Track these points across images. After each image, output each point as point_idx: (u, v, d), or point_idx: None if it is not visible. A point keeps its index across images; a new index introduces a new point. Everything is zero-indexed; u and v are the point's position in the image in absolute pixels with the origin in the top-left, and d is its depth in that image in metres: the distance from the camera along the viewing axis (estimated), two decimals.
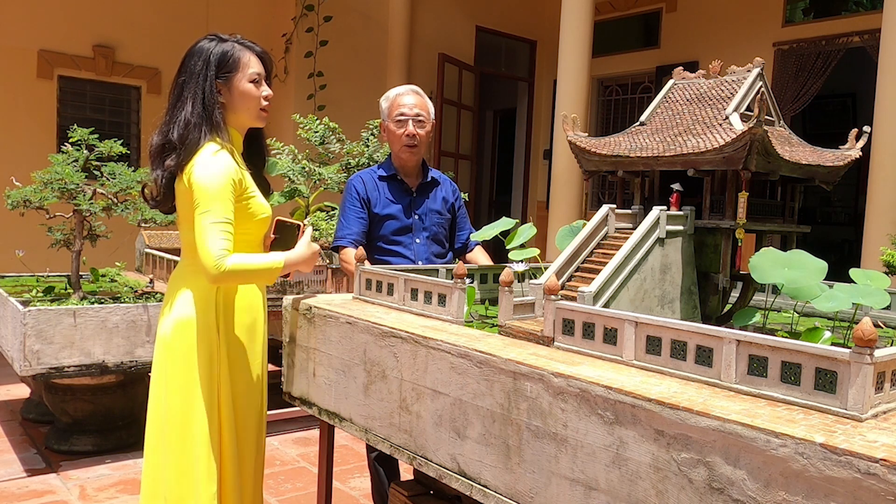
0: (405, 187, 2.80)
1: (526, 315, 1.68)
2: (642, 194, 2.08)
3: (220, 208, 1.87)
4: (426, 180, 2.84)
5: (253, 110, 2.05)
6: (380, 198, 2.76)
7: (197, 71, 1.97)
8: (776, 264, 1.73)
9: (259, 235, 2.09)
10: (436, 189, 2.87)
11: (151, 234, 4.90)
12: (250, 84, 2.01)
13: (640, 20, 8.62)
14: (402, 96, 2.75)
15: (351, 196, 2.76)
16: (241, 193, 1.96)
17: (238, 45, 2.03)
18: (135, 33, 7.12)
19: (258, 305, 2.17)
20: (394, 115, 2.72)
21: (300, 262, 2.06)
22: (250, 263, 1.91)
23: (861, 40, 6.63)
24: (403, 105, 2.73)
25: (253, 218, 2.02)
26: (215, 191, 1.87)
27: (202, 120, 1.94)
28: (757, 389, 1.14)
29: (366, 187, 2.76)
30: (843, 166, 2.01)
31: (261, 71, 2.04)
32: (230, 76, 1.99)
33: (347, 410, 1.86)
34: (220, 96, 1.99)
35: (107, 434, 3.89)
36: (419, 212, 2.79)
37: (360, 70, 7.83)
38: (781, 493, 0.98)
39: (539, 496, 1.33)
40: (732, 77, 2.02)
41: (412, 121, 2.71)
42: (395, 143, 2.74)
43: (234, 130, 2.06)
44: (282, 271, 1.97)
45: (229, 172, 1.91)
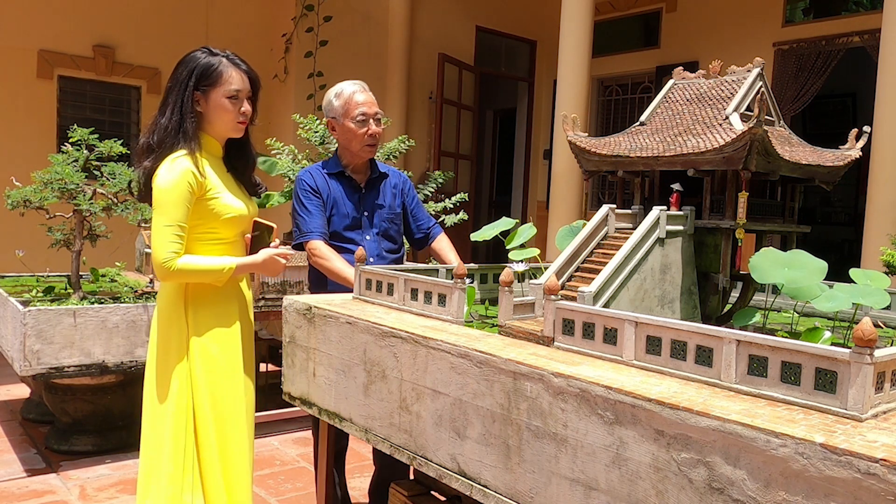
0: (353, 184, 2.74)
1: (526, 315, 1.68)
2: (642, 194, 2.08)
3: (171, 212, 2.03)
4: (374, 175, 2.78)
5: (228, 123, 2.16)
6: (330, 194, 2.70)
7: (181, 80, 2.12)
8: (776, 264, 1.73)
9: (229, 234, 2.18)
10: (384, 183, 2.80)
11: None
12: (226, 99, 2.13)
13: (640, 20, 8.61)
14: (357, 94, 2.67)
15: (304, 190, 2.69)
16: (201, 195, 2.09)
17: (226, 60, 2.14)
18: (135, 33, 7.11)
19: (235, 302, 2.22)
20: (353, 113, 2.64)
21: (257, 267, 2.21)
22: (198, 265, 2.08)
23: (861, 40, 6.63)
24: (362, 104, 2.66)
25: (218, 217, 2.13)
26: (168, 195, 2.03)
27: (178, 127, 2.09)
28: (757, 389, 1.14)
29: (316, 181, 2.70)
30: (843, 166, 2.01)
31: (242, 88, 2.15)
32: (209, 89, 2.12)
33: (347, 410, 1.86)
34: (198, 106, 2.13)
35: (107, 434, 3.89)
36: (368, 208, 2.73)
37: (360, 70, 7.82)
38: (781, 493, 0.98)
39: (539, 496, 1.32)
40: (732, 77, 2.02)
41: (373, 120, 2.66)
42: (355, 141, 2.67)
43: (211, 138, 2.18)
44: (235, 273, 2.14)
45: (185, 177, 2.04)
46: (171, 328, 2.14)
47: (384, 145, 4.87)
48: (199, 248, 2.14)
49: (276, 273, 2.27)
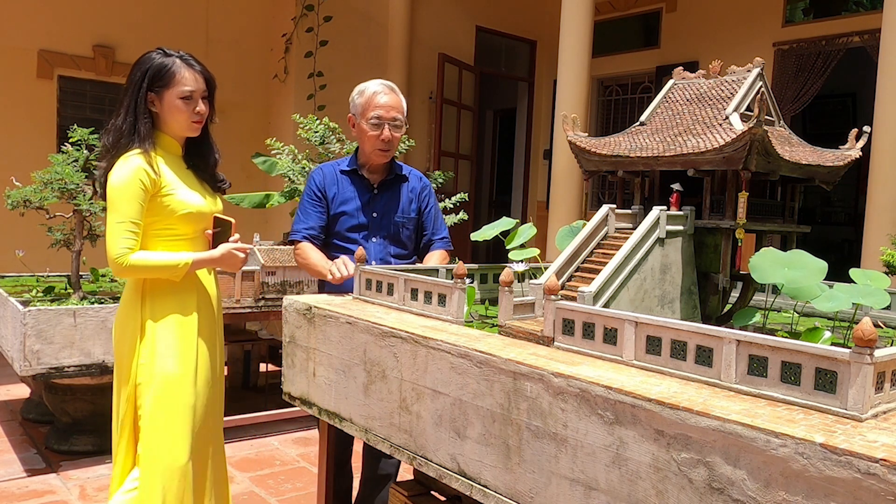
0: (366, 184, 2.67)
1: (526, 315, 1.68)
2: (642, 194, 2.08)
3: (124, 209, 2.07)
4: (390, 177, 2.70)
5: (182, 123, 2.20)
6: (338, 193, 2.64)
7: (134, 82, 2.16)
8: (776, 264, 1.73)
9: (187, 230, 2.21)
10: (401, 186, 2.71)
11: None
12: (180, 100, 2.16)
13: (640, 20, 8.61)
14: (378, 95, 2.60)
15: (309, 188, 2.67)
16: (156, 192, 2.12)
17: (180, 61, 2.18)
18: (135, 33, 7.11)
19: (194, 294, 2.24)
20: (369, 115, 2.57)
21: (214, 262, 2.24)
22: (152, 260, 2.11)
23: (861, 40, 6.63)
24: (380, 106, 2.58)
25: (174, 214, 2.16)
26: (120, 193, 2.07)
27: (132, 128, 2.14)
28: (757, 389, 1.14)
29: (325, 180, 2.66)
30: (843, 166, 2.01)
31: (196, 88, 2.18)
32: (162, 90, 2.15)
33: (347, 410, 1.86)
34: (152, 106, 2.17)
35: (107, 434, 3.84)
36: (378, 211, 2.65)
37: (360, 70, 7.82)
38: (781, 493, 0.98)
39: (539, 496, 1.32)
40: (732, 77, 2.02)
41: (388, 125, 2.58)
42: (368, 143, 2.61)
43: (168, 137, 2.23)
44: (192, 268, 2.18)
45: (136, 175, 2.07)
46: (128, 318, 2.18)
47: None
48: (158, 244, 2.17)
49: (235, 268, 2.30)
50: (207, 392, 2.24)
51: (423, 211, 2.77)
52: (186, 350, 2.18)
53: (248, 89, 7.84)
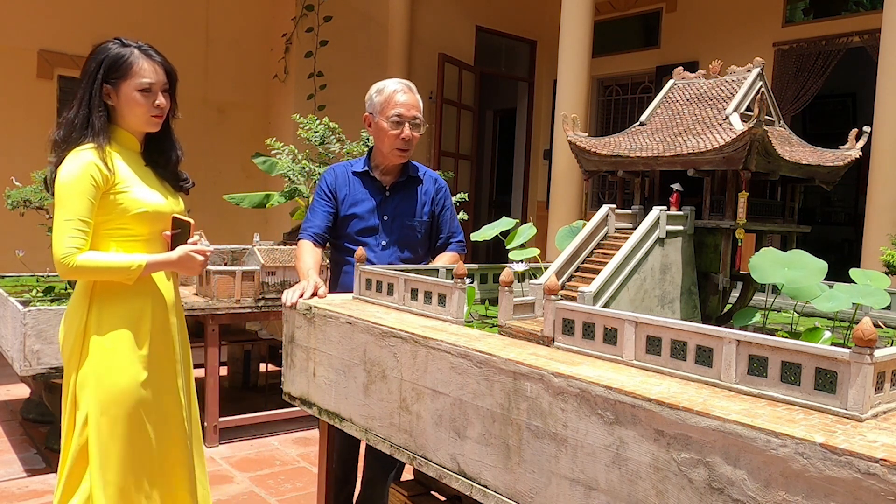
0: (379, 186, 2.61)
1: (526, 315, 1.68)
2: (642, 194, 2.08)
3: (72, 206, 1.95)
4: (403, 179, 2.63)
5: (141, 117, 2.08)
6: (349, 194, 2.59)
7: (89, 73, 2.04)
8: (776, 264, 1.73)
9: (143, 230, 2.09)
10: (415, 189, 2.65)
11: None
12: (138, 93, 2.04)
13: (640, 20, 8.61)
14: (398, 94, 2.54)
15: (320, 188, 2.63)
16: (108, 189, 2.00)
17: (139, 52, 2.06)
18: (135, 33, 7.04)
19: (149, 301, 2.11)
20: (389, 113, 2.52)
21: (171, 265, 2.11)
22: (101, 261, 1.98)
23: (861, 40, 6.63)
24: (400, 105, 2.52)
25: (127, 213, 2.04)
26: (69, 189, 1.95)
27: (85, 121, 2.02)
28: (757, 389, 1.14)
29: (336, 180, 2.61)
30: (843, 166, 2.01)
31: (155, 80, 2.07)
32: (119, 82, 2.04)
33: (347, 410, 1.86)
34: (108, 99, 2.05)
35: None
36: (389, 213, 2.59)
37: (360, 70, 7.83)
38: (781, 493, 0.98)
39: (539, 496, 1.32)
40: (732, 77, 2.02)
41: (409, 124, 2.53)
42: (386, 143, 2.55)
43: (125, 132, 2.11)
44: (146, 271, 2.03)
45: (87, 170, 1.95)
46: (72, 324, 2.06)
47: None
48: (111, 245, 2.05)
49: (194, 272, 2.17)
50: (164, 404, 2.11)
51: (437, 214, 2.70)
52: (131, 363, 2.04)
53: (248, 89, 7.84)
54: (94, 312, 2.04)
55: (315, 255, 2.50)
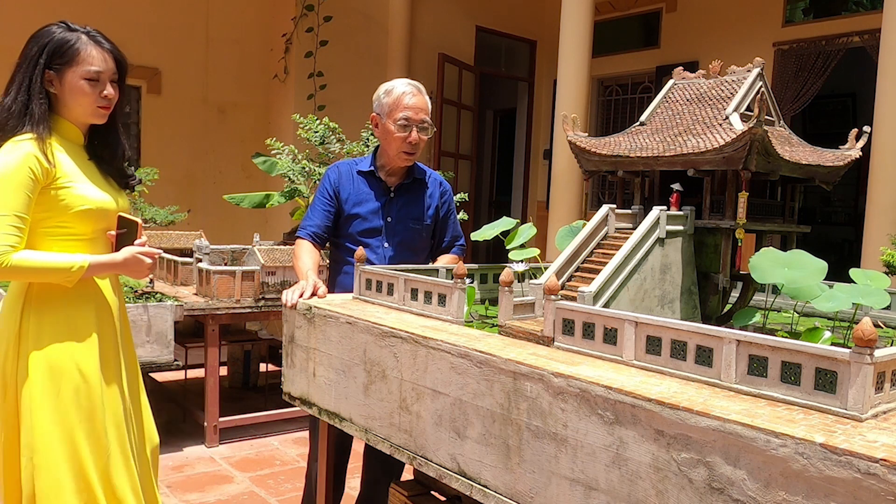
0: (383, 186, 2.57)
1: (526, 315, 1.68)
2: (642, 194, 2.08)
3: (8, 200, 1.79)
4: (408, 181, 2.60)
5: (87, 107, 1.93)
6: (352, 194, 2.55)
7: (30, 57, 1.89)
8: (776, 264, 1.73)
9: (85, 229, 1.94)
10: (420, 192, 2.62)
11: (151, 234, 4.90)
12: (84, 81, 1.90)
13: (640, 20, 8.61)
14: (407, 96, 2.49)
15: (322, 186, 2.58)
16: (48, 184, 1.85)
17: (86, 37, 1.92)
18: (135, 33, 7.11)
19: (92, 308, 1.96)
20: (397, 116, 2.47)
21: (117, 267, 1.97)
22: (39, 261, 1.82)
23: (861, 40, 6.63)
24: (409, 108, 2.47)
25: (68, 210, 1.89)
26: (4, 182, 1.80)
27: (23, 108, 1.87)
28: (757, 389, 1.14)
29: (340, 179, 2.57)
30: (843, 166, 2.01)
31: (103, 69, 1.92)
32: (63, 68, 1.89)
33: (347, 410, 1.86)
34: (50, 87, 1.91)
35: None
36: (393, 215, 2.55)
37: (360, 70, 7.83)
38: (781, 493, 0.98)
39: (539, 496, 1.33)
40: (732, 77, 2.02)
41: (416, 127, 2.48)
42: (393, 145, 2.50)
43: (68, 123, 1.96)
44: (89, 273, 1.89)
45: (26, 163, 1.81)
46: (1, 337, 1.89)
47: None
48: (50, 244, 1.89)
49: (140, 275, 2.02)
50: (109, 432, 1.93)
51: (441, 217, 2.67)
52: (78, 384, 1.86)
53: (248, 89, 7.84)
54: (31, 321, 1.87)
55: (314, 255, 2.47)
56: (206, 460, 3.86)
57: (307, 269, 2.35)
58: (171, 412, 4.65)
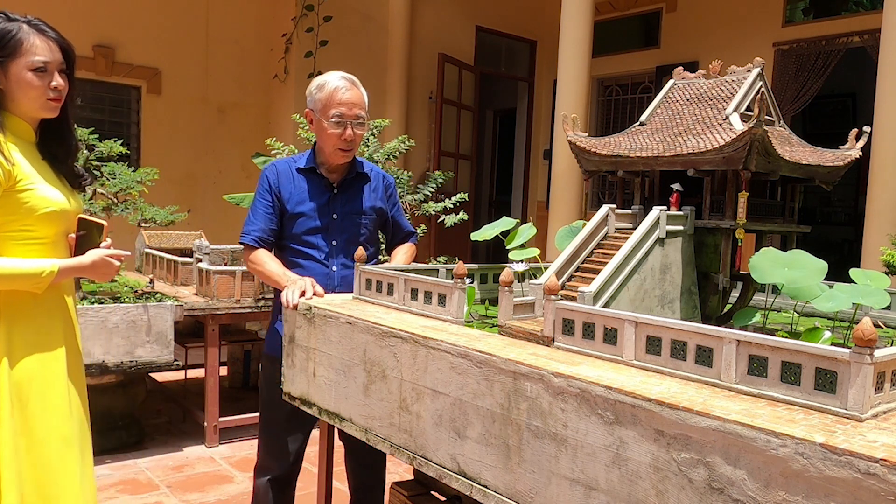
0: (325, 183, 2.47)
1: (526, 315, 1.68)
2: (642, 194, 2.08)
3: None
4: (350, 176, 2.50)
5: (35, 100, 1.84)
6: (294, 192, 2.44)
7: None
8: (776, 264, 1.73)
9: (48, 232, 1.87)
10: (363, 185, 2.53)
11: (151, 234, 4.90)
12: (30, 73, 1.80)
13: (640, 20, 8.61)
14: (340, 91, 2.37)
15: (262, 188, 2.46)
16: (10, 186, 1.78)
17: (28, 27, 1.82)
18: (135, 33, 7.11)
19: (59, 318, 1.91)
20: (330, 113, 2.36)
21: (84, 271, 1.91)
22: (7, 268, 1.75)
23: (861, 40, 6.63)
24: (342, 103, 2.36)
25: (33, 213, 1.81)
26: None
27: None
28: (757, 389, 1.14)
29: (279, 179, 2.45)
30: (843, 166, 2.01)
31: (51, 59, 1.83)
32: (7, 61, 1.80)
33: (347, 410, 1.86)
34: None
35: (107, 434, 3.89)
36: (338, 211, 2.47)
37: (360, 70, 7.79)
38: (781, 493, 0.98)
39: (539, 496, 1.33)
40: (732, 77, 2.02)
41: (351, 123, 2.38)
42: (328, 143, 2.41)
43: (17, 119, 1.86)
44: (58, 277, 1.83)
45: None
46: None
47: (384, 145, 4.87)
48: (12, 249, 1.81)
49: (107, 277, 1.96)
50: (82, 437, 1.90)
51: (390, 211, 2.62)
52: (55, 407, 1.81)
53: (248, 89, 7.84)
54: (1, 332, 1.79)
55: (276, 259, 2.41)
56: (206, 460, 3.86)
57: (283, 271, 2.30)
58: (171, 412, 4.65)
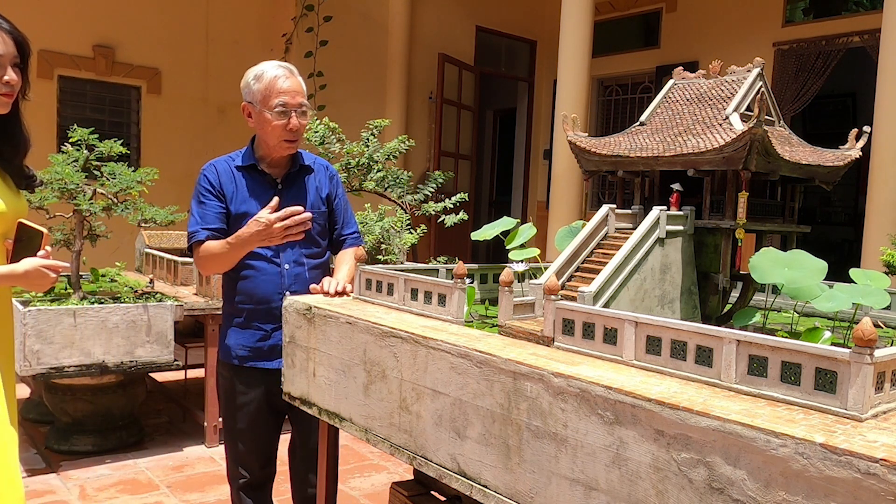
0: (268, 179, 2.36)
1: (526, 315, 1.68)
2: (642, 194, 2.08)
3: None
4: (294, 169, 2.39)
5: None
6: (236, 192, 2.33)
7: None
8: (776, 264, 1.73)
9: None
10: (307, 178, 2.42)
11: (151, 234, 4.90)
12: None
13: (640, 20, 8.62)
14: (280, 80, 2.28)
15: (203, 188, 2.32)
16: None
17: None
18: (135, 33, 7.11)
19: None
20: (273, 103, 2.26)
21: (17, 279, 1.77)
22: None
23: (861, 40, 6.63)
24: (284, 92, 2.26)
25: None
26: None
27: None
28: (757, 389, 1.14)
29: (220, 178, 2.33)
30: (843, 166, 2.01)
31: (4, 52, 1.73)
32: None
33: (347, 410, 1.86)
34: None
35: (107, 434, 3.89)
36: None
37: (360, 70, 7.83)
38: (781, 493, 0.98)
39: (539, 496, 1.32)
40: (732, 77, 2.02)
41: (295, 112, 2.28)
42: (272, 135, 2.29)
43: None
44: None
45: None
46: None
47: (384, 145, 4.87)
48: None
49: (42, 288, 1.83)
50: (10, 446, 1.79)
51: (332, 202, 2.48)
52: None
53: None
54: None
55: None
56: (206, 460, 3.85)
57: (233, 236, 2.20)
58: (171, 412, 4.65)
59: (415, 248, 4.91)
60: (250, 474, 2.46)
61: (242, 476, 2.46)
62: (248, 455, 2.44)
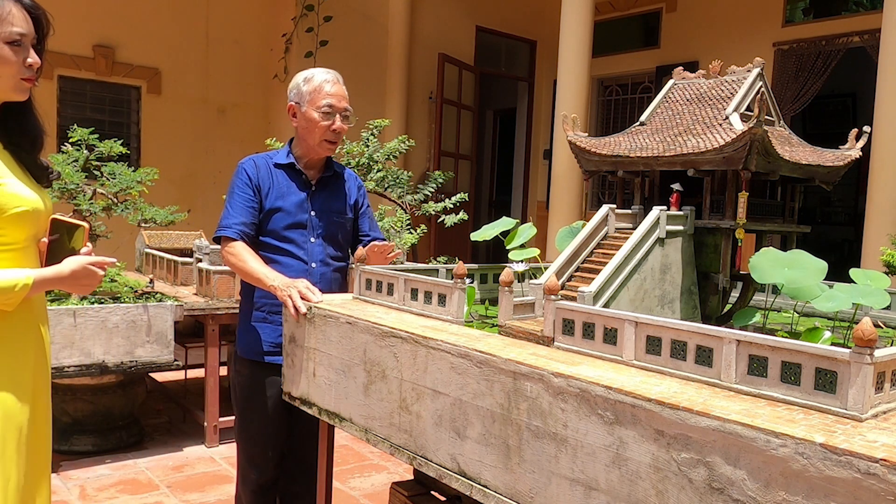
0: (304, 179, 2.44)
1: (526, 315, 1.68)
2: (642, 194, 2.08)
3: None
4: (328, 174, 2.48)
5: (8, 80, 1.56)
6: (273, 187, 2.40)
7: None
8: (776, 264, 1.73)
9: (19, 236, 1.60)
10: (338, 184, 2.52)
11: (151, 234, 4.90)
12: (6, 46, 1.52)
13: (640, 20, 8.62)
14: (328, 84, 2.38)
15: (240, 180, 2.39)
16: None
17: None
18: (135, 33, 7.12)
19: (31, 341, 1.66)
20: (319, 103, 2.35)
21: (63, 282, 1.63)
22: None
23: (861, 40, 6.63)
24: (331, 95, 2.36)
25: (3, 213, 1.54)
26: None
27: None
28: (757, 389, 1.14)
29: (258, 173, 2.40)
30: (843, 166, 2.01)
31: (26, 31, 1.55)
32: None
33: (347, 410, 1.86)
34: None
35: (107, 434, 3.89)
36: (316, 209, 2.43)
37: (360, 70, 7.83)
38: (781, 493, 0.98)
39: (539, 496, 1.32)
40: (732, 77, 2.02)
41: (340, 115, 2.38)
42: (315, 134, 2.37)
43: None
44: (34, 290, 1.56)
45: None
46: None
47: (384, 145, 4.87)
48: None
49: (89, 289, 1.69)
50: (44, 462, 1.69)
51: (359, 212, 2.58)
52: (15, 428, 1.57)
53: (248, 89, 7.84)
54: None
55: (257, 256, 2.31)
56: (206, 460, 3.86)
57: (267, 270, 2.24)
58: (171, 412, 4.65)
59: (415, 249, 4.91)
60: (263, 474, 2.47)
61: (254, 477, 2.48)
62: (263, 454, 2.45)
